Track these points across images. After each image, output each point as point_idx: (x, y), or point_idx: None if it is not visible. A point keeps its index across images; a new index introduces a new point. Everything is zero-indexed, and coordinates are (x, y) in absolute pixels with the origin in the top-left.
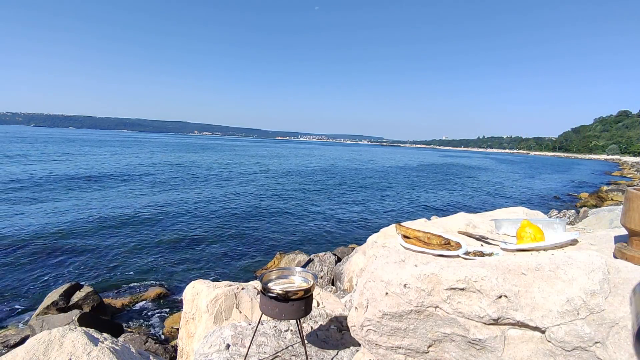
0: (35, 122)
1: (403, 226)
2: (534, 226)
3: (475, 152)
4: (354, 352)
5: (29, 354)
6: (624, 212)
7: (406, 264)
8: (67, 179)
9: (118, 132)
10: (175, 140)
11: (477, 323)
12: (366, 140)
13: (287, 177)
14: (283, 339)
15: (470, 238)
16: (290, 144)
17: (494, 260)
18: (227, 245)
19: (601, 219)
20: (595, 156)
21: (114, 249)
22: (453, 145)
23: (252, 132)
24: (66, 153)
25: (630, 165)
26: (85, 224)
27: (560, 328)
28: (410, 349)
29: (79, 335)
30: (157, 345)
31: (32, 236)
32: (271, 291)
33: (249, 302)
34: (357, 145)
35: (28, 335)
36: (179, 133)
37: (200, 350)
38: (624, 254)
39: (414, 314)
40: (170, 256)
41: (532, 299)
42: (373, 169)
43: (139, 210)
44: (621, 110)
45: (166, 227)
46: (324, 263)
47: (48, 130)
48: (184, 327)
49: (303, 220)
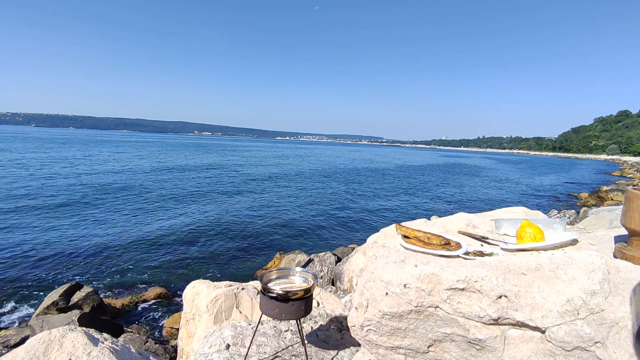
0: (35, 122)
1: (403, 226)
2: (534, 226)
3: (475, 152)
4: (354, 352)
5: (29, 354)
6: (624, 212)
7: (406, 264)
8: (67, 179)
9: (118, 132)
10: (175, 140)
11: (477, 323)
12: (366, 140)
13: (287, 177)
14: (283, 339)
15: (470, 238)
16: (290, 144)
17: (494, 260)
18: (227, 245)
19: (601, 219)
20: (595, 156)
21: (114, 249)
22: (453, 145)
23: (252, 132)
24: (66, 152)
25: (630, 165)
26: (85, 224)
27: (561, 328)
28: (410, 349)
29: (79, 336)
30: (157, 345)
31: (32, 236)
32: (271, 291)
33: (249, 302)
34: (357, 145)
35: (28, 335)
36: (179, 133)
37: (201, 350)
38: (624, 254)
39: (414, 314)
40: (170, 256)
41: (532, 299)
42: (373, 169)
43: (139, 210)
44: (621, 110)
45: (166, 227)
46: (324, 263)
47: (49, 130)
48: (184, 327)
49: (303, 220)
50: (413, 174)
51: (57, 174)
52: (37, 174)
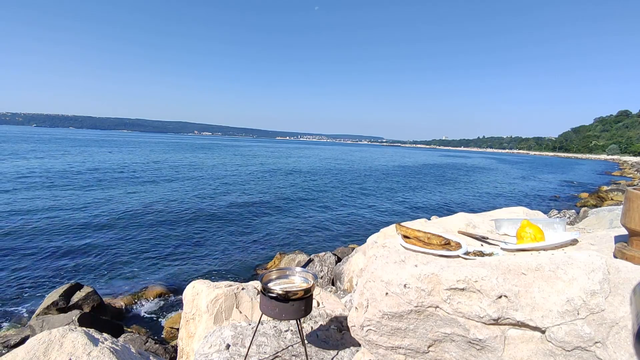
0: (35, 122)
1: (403, 226)
2: (534, 226)
3: (475, 152)
4: (354, 352)
5: (29, 354)
6: (624, 212)
7: (406, 264)
8: (67, 179)
9: (118, 132)
10: (175, 140)
11: (477, 323)
12: (366, 140)
13: (287, 177)
14: (283, 339)
15: (470, 238)
16: (290, 144)
17: (494, 260)
18: (227, 246)
19: (601, 219)
20: (595, 156)
21: (114, 249)
22: (453, 145)
23: (252, 132)
24: (66, 152)
25: (630, 165)
26: (85, 224)
27: (561, 328)
28: (410, 349)
29: (79, 336)
30: (157, 345)
31: (32, 236)
32: (271, 291)
33: (249, 302)
34: (357, 145)
35: (28, 335)
36: (179, 133)
37: (201, 350)
38: (624, 254)
39: (414, 314)
40: (170, 256)
41: (532, 299)
42: (373, 169)
43: (139, 211)
44: (621, 110)
45: (166, 227)
46: (324, 263)
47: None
48: (184, 327)
49: (303, 220)
50: (413, 174)
51: (58, 174)
52: (37, 174)
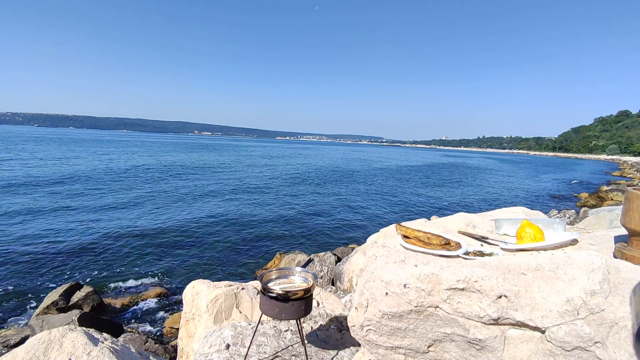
0: (35, 122)
1: (403, 226)
2: (534, 226)
3: (475, 152)
4: (354, 352)
5: (29, 354)
6: (624, 212)
7: (406, 264)
8: (67, 179)
9: (118, 132)
10: (175, 140)
11: (477, 323)
12: (366, 140)
13: (287, 177)
14: (283, 339)
15: (470, 238)
16: (290, 143)
17: (494, 260)
18: (227, 245)
19: (601, 219)
20: (595, 156)
21: (114, 248)
22: (453, 145)
23: (252, 132)
24: (66, 153)
25: (630, 165)
26: (85, 224)
27: (560, 328)
28: (410, 349)
29: (79, 335)
30: (157, 345)
31: (32, 236)
32: (271, 291)
33: (249, 302)
34: (357, 145)
35: (28, 335)
36: (179, 133)
37: (200, 350)
38: (624, 254)
39: (414, 314)
40: (170, 256)
41: (532, 299)
42: (373, 169)
43: (139, 211)
44: (621, 110)
45: (166, 227)
46: (324, 263)
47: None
48: (184, 327)
49: (303, 220)
50: (413, 174)
51: (57, 174)
52: (36, 173)
